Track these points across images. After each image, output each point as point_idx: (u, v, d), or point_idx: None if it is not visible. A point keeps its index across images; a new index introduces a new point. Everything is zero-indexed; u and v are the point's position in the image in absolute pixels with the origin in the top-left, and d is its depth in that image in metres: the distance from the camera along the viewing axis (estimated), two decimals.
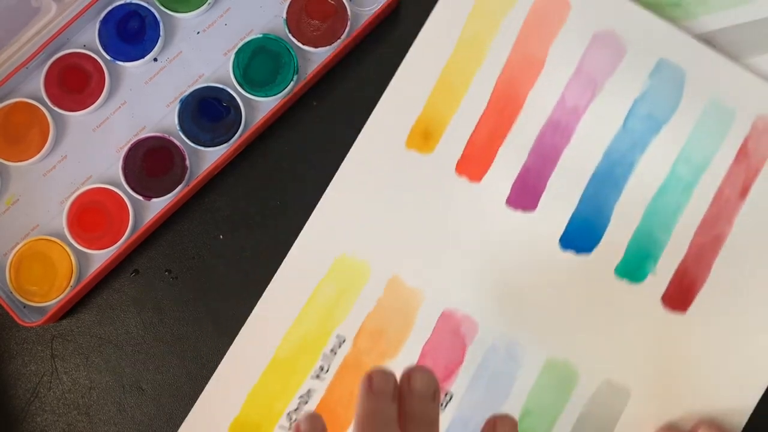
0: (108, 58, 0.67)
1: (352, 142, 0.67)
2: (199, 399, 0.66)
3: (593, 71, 0.67)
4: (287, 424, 0.65)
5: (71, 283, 0.65)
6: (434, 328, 0.66)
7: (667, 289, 0.65)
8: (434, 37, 0.68)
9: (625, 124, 0.66)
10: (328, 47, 0.67)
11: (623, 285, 0.65)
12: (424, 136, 0.67)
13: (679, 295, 0.65)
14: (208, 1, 0.68)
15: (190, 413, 0.66)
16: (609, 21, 0.67)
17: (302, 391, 0.66)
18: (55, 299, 0.65)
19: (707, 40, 0.68)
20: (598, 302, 0.65)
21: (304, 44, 0.67)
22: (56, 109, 0.67)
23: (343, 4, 0.68)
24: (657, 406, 0.65)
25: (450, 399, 0.65)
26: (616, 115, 0.67)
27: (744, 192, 0.65)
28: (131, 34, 0.67)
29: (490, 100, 0.67)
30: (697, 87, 0.67)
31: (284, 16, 0.67)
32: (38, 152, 0.66)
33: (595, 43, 0.67)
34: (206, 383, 0.66)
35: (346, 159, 0.67)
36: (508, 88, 0.67)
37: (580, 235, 0.66)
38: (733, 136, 0.66)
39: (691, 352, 0.65)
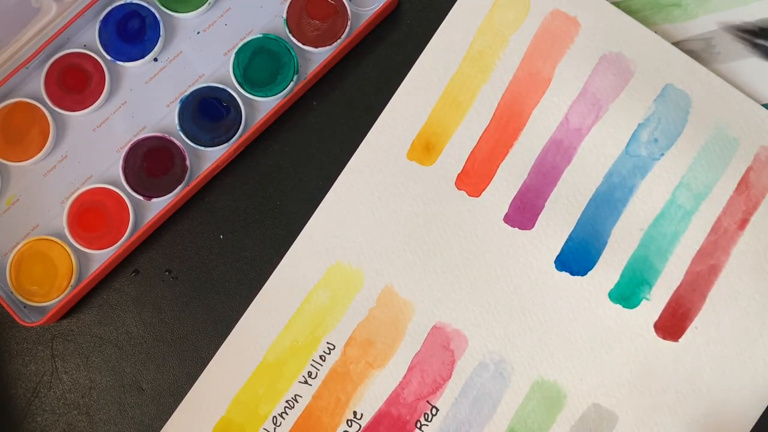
0: (108, 58, 0.67)
1: (353, 142, 0.67)
2: (185, 398, 0.66)
3: (599, 93, 0.67)
4: (272, 428, 0.66)
5: (71, 283, 0.66)
6: (424, 341, 0.66)
7: (661, 317, 0.65)
8: (442, 50, 0.68)
9: (627, 148, 0.66)
10: (328, 47, 0.67)
11: (617, 310, 0.65)
12: (425, 148, 0.67)
13: (673, 324, 0.65)
14: (208, 1, 0.67)
15: (176, 412, 0.66)
16: (618, 43, 0.67)
17: (289, 395, 0.66)
18: (55, 299, 0.66)
19: (706, 40, 0.68)
20: (590, 325, 0.65)
21: (304, 44, 0.67)
22: (56, 109, 0.67)
23: (343, 4, 0.67)
24: None
25: (436, 413, 0.65)
26: (619, 138, 0.66)
27: (743, 223, 0.65)
28: (131, 34, 0.67)
29: (493, 116, 0.67)
30: (702, 114, 0.66)
31: (284, 16, 0.67)
32: (38, 152, 0.66)
33: (603, 65, 0.67)
34: None
35: (346, 167, 0.67)
36: (513, 104, 0.67)
37: (576, 257, 0.66)
38: (735, 166, 0.66)
39: (681, 382, 0.65)
